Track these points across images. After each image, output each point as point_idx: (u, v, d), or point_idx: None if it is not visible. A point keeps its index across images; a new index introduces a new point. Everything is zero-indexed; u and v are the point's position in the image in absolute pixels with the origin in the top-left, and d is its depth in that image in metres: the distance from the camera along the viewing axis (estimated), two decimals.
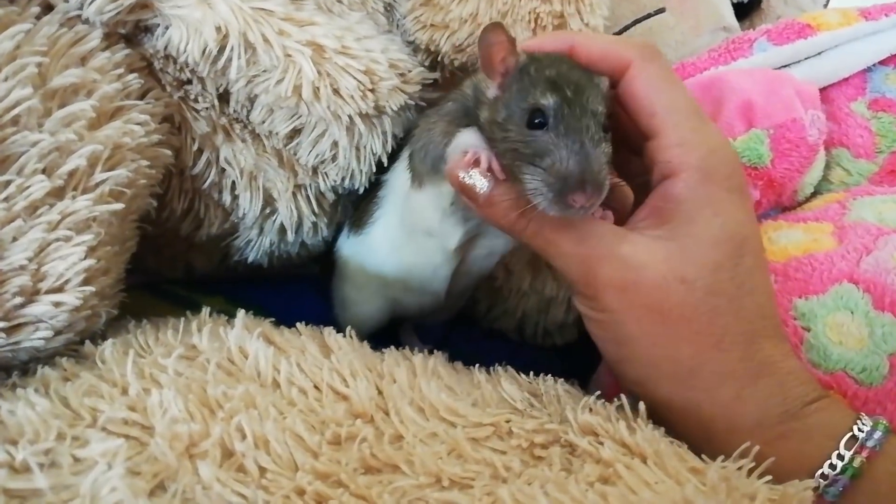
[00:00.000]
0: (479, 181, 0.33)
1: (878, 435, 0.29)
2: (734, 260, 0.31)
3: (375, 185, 0.45)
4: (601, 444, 0.27)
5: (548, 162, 0.30)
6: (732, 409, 0.30)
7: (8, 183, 0.29)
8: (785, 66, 0.49)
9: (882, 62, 0.49)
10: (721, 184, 0.32)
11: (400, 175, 0.42)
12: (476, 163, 0.33)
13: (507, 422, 0.28)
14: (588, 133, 0.31)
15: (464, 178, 0.33)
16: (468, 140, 0.35)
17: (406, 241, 0.43)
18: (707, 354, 0.30)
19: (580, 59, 0.34)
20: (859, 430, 0.29)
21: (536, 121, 0.31)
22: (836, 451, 0.29)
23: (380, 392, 0.29)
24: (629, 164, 0.36)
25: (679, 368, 0.30)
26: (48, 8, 0.34)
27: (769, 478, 0.26)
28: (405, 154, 0.42)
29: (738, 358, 0.30)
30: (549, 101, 0.31)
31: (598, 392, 0.31)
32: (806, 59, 0.49)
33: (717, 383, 0.30)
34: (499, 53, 0.33)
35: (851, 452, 0.29)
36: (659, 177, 0.33)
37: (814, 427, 0.30)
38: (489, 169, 0.33)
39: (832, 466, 0.28)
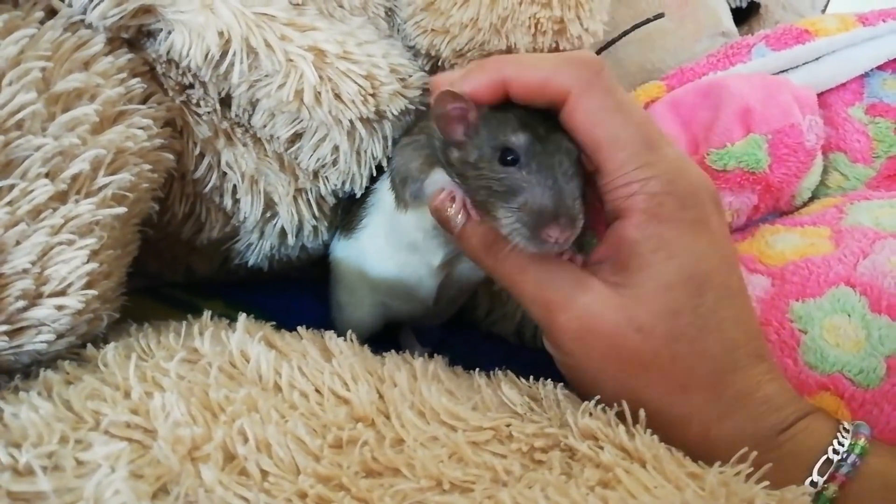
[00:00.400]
0: (453, 217, 0.34)
1: (851, 459, 0.28)
2: (694, 301, 0.30)
3: (365, 191, 0.45)
4: (601, 448, 0.27)
5: (521, 199, 0.31)
6: (702, 446, 0.29)
7: (12, 187, 0.30)
8: (783, 72, 0.50)
9: (880, 67, 0.49)
10: (675, 219, 0.30)
11: (386, 190, 0.42)
12: (452, 199, 0.34)
13: (508, 426, 0.28)
14: (561, 168, 0.31)
15: (443, 210, 0.34)
16: (442, 179, 0.36)
17: (392, 251, 0.43)
18: (671, 398, 0.30)
19: (517, 95, 0.33)
20: (834, 451, 0.29)
21: (509, 158, 0.32)
22: (810, 479, 0.28)
23: (381, 396, 0.30)
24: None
25: (646, 409, 0.30)
26: (52, 13, 0.34)
27: (766, 483, 0.26)
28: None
29: (705, 399, 0.30)
30: (519, 139, 0.31)
31: (598, 397, 0.31)
32: (804, 64, 0.49)
33: (684, 424, 0.30)
34: (455, 120, 0.34)
35: (824, 479, 0.28)
36: (611, 217, 0.32)
37: (788, 455, 0.29)
38: (463, 206, 0.34)
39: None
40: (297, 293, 0.54)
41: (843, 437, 0.29)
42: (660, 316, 0.30)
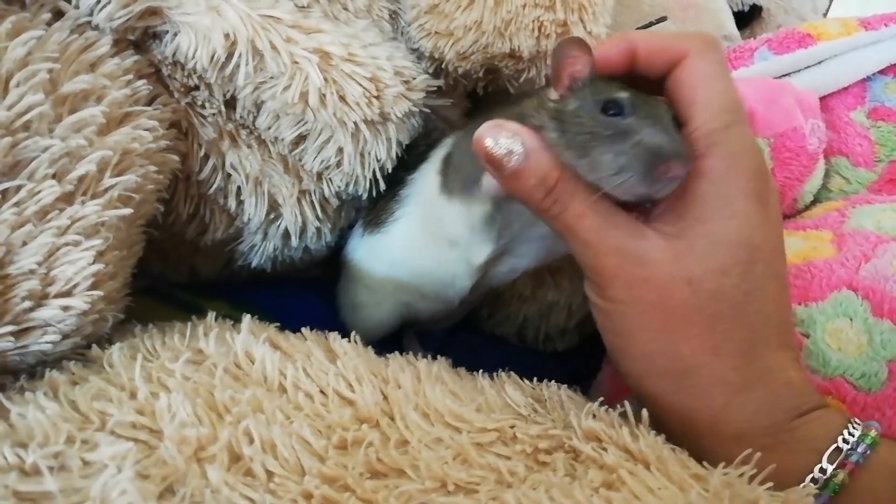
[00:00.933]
0: (515, 146, 0.32)
1: (861, 448, 0.29)
2: (743, 266, 0.31)
3: (397, 183, 0.44)
4: (604, 449, 0.27)
5: (634, 139, 0.30)
6: (720, 416, 0.30)
7: (19, 188, 0.30)
8: (785, 75, 0.50)
9: (881, 71, 0.49)
10: (743, 185, 0.31)
11: (428, 176, 0.41)
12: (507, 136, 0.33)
13: (512, 427, 0.28)
14: (665, 118, 0.31)
15: (492, 147, 0.32)
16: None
17: (426, 246, 0.42)
18: (703, 358, 0.30)
19: (641, 56, 0.34)
20: (844, 441, 0.29)
21: (611, 111, 0.31)
22: (819, 465, 0.28)
23: (385, 397, 0.30)
24: None
25: (673, 368, 0.31)
26: (59, 14, 0.34)
27: (770, 484, 0.26)
28: (436, 156, 0.41)
29: (733, 366, 0.30)
30: (623, 95, 0.31)
31: (601, 398, 0.32)
32: (806, 68, 0.49)
33: (709, 388, 0.31)
34: (572, 66, 0.33)
35: (834, 466, 0.28)
36: None
37: (801, 440, 0.30)
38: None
39: (814, 480, 0.28)
40: (299, 293, 0.54)
41: (853, 428, 0.30)
42: (711, 272, 0.30)
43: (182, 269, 0.49)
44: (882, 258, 0.38)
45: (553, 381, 0.33)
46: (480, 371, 0.35)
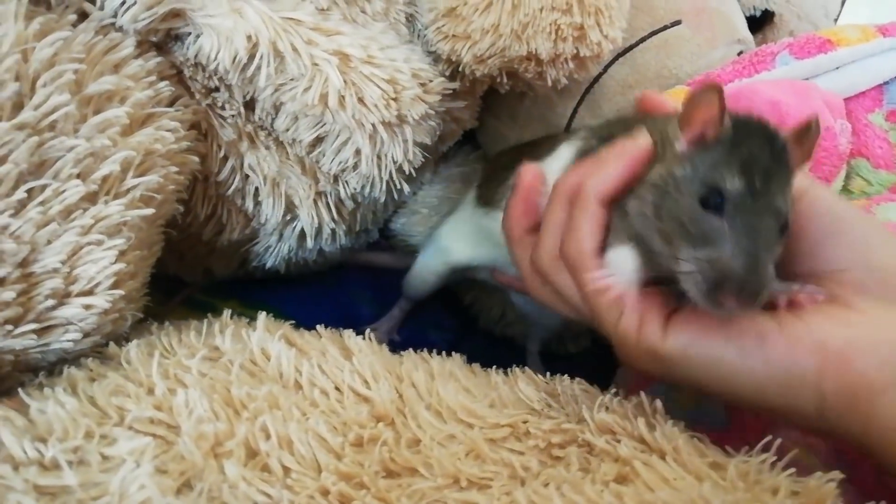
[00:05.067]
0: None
1: None
2: None
3: (509, 167, 0.43)
4: (618, 441, 0.27)
5: (712, 252, 0.28)
6: None
7: (44, 187, 0.30)
8: (805, 80, 0.50)
9: None
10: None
11: (553, 170, 0.38)
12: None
13: (525, 422, 0.28)
14: (763, 235, 0.28)
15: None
16: (621, 265, 0.31)
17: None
18: None
19: None
20: None
21: (714, 202, 0.28)
22: None
23: (400, 395, 0.30)
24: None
25: None
26: (83, 16, 0.35)
27: (792, 470, 0.26)
28: (563, 151, 0.39)
29: None
30: (734, 185, 0.28)
31: (615, 390, 0.31)
32: (825, 73, 0.49)
33: None
34: (705, 114, 0.30)
35: None
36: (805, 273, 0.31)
37: None
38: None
39: None
40: (311, 292, 0.55)
41: None
42: None
43: (197, 269, 0.50)
44: None
45: (566, 376, 0.33)
46: (494, 367, 0.35)
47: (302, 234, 0.48)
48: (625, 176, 0.31)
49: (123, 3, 0.35)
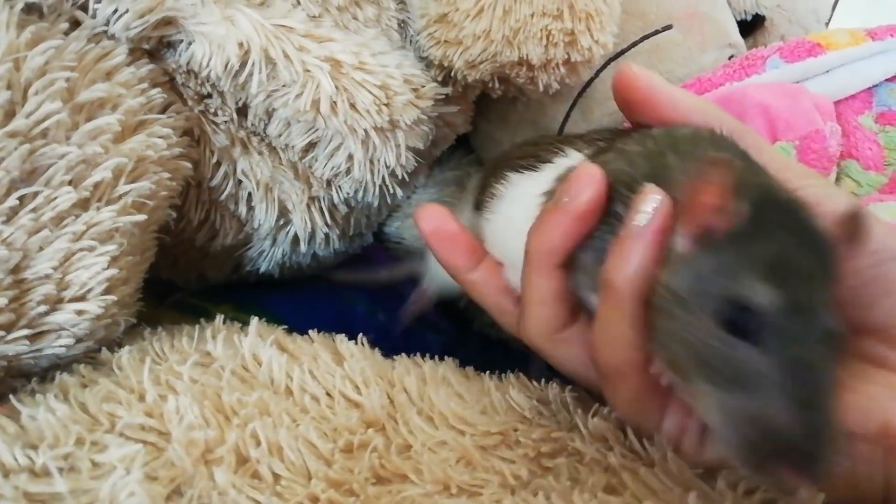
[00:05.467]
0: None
1: None
2: None
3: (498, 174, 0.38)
4: (610, 449, 0.27)
5: (749, 400, 0.20)
6: None
7: (36, 194, 0.30)
8: (795, 83, 0.50)
9: (887, 79, 0.50)
10: None
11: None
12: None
13: (515, 430, 0.28)
14: (821, 374, 0.20)
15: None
16: None
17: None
18: None
19: None
20: None
21: (738, 323, 0.20)
22: None
23: (391, 401, 0.30)
24: None
25: None
26: (76, 24, 0.35)
27: None
28: (560, 164, 0.33)
29: None
30: (763, 298, 0.20)
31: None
32: (814, 76, 0.50)
33: None
34: (709, 199, 0.21)
35: None
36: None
37: None
38: None
39: None
40: (305, 294, 0.55)
41: None
42: None
43: (190, 274, 0.50)
44: None
45: (557, 382, 0.33)
46: (487, 372, 0.35)
47: (295, 239, 0.48)
48: (652, 253, 0.24)
49: (115, 12, 0.35)
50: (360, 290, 0.59)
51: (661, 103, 0.29)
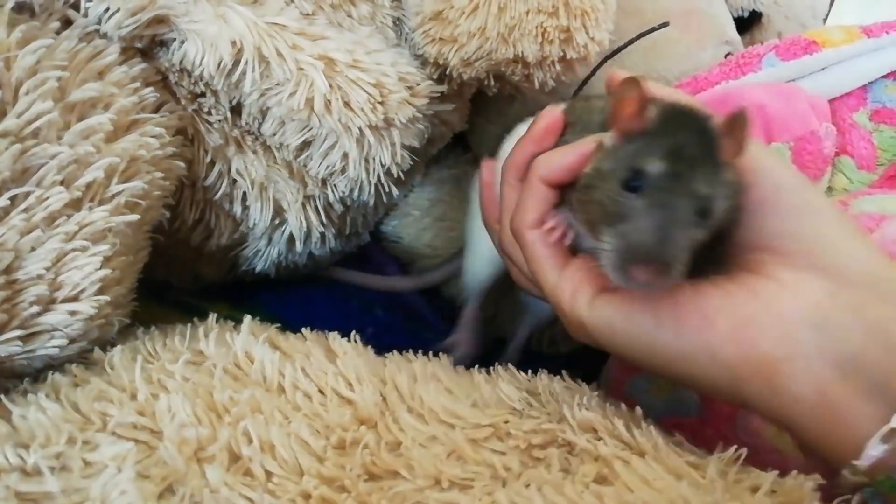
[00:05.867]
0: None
1: None
2: None
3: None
4: (600, 439, 0.27)
5: (624, 227, 0.28)
6: None
7: (27, 194, 0.30)
8: (791, 81, 0.50)
9: (882, 75, 0.49)
10: None
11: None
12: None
13: (506, 422, 0.28)
14: (678, 213, 0.28)
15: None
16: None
17: None
18: None
19: None
20: None
21: (633, 184, 0.29)
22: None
23: (383, 398, 0.30)
24: None
25: None
26: (67, 23, 0.35)
27: (776, 473, 0.26)
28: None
29: None
30: (653, 167, 0.28)
31: (595, 384, 0.31)
32: (810, 73, 0.49)
33: None
34: (628, 108, 0.30)
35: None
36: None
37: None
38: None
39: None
40: (301, 291, 0.55)
41: None
42: None
43: (186, 274, 0.50)
44: (889, 227, 0.38)
45: (546, 373, 0.33)
46: (476, 366, 0.35)
47: (291, 238, 0.48)
48: (573, 166, 0.32)
49: (107, 10, 0.35)
50: (356, 287, 0.59)
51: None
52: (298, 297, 0.55)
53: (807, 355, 0.26)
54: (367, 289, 0.60)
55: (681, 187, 0.28)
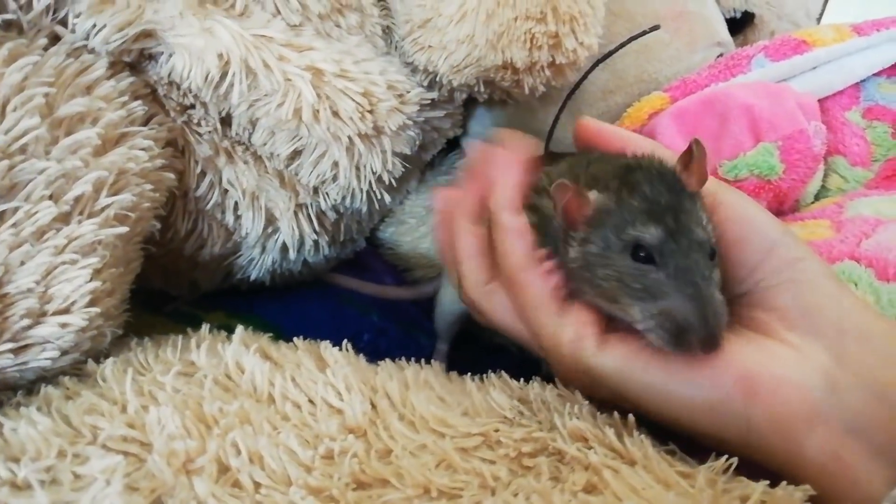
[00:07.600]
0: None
1: None
2: None
3: None
4: (590, 448, 0.27)
5: (663, 305, 0.28)
6: None
7: (16, 209, 0.31)
8: (781, 81, 0.50)
9: (875, 73, 0.49)
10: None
11: None
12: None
13: (496, 431, 0.28)
14: (699, 271, 0.29)
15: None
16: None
17: None
18: None
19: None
20: None
21: (642, 254, 0.29)
22: None
23: (373, 406, 0.30)
24: None
25: None
26: (55, 39, 0.35)
27: (766, 483, 0.26)
28: None
29: None
30: (652, 235, 0.29)
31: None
32: (801, 73, 0.49)
33: None
34: (572, 208, 0.31)
35: None
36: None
37: None
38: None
39: None
40: (297, 298, 0.55)
41: None
42: None
43: (182, 283, 0.50)
44: (884, 234, 0.38)
45: (538, 381, 0.33)
46: (469, 374, 0.35)
47: (284, 247, 0.48)
48: (520, 183, 0.33)
49: (95, 26, 0.35)
50: (352, 293, 0.59)
51: (608, 139, 0.36)
52: (295, 303, 0.55)
53: (825, 418, 0.27)
54: (363, 294, 0.60)
55: (686, 241, 0.29)
